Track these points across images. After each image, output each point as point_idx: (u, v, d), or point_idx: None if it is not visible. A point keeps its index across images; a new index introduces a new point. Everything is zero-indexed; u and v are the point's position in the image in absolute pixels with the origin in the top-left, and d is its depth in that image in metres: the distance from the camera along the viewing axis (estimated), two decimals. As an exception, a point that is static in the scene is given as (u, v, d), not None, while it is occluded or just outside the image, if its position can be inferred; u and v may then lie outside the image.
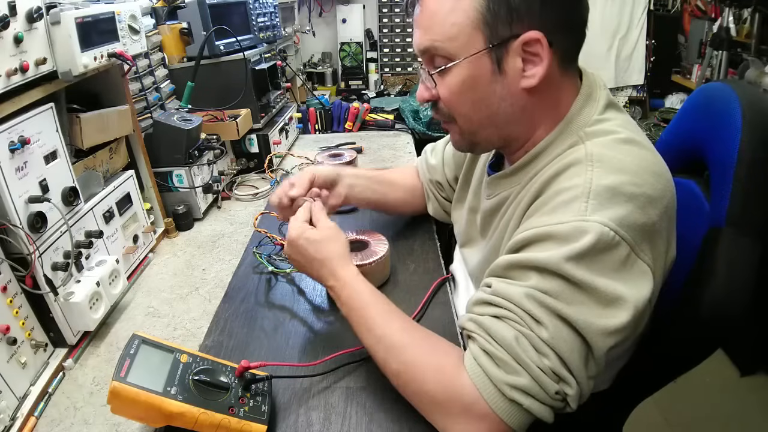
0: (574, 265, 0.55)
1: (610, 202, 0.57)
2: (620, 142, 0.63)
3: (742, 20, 2.58)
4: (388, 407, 0.68)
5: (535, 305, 0.57)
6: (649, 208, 0.58)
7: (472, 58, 0.64)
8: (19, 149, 0.74)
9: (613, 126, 0.65)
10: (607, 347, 0.56)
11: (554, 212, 0.60)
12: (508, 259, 0.62)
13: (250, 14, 1.58)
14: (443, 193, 1.06)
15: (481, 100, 0.67)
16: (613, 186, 0.57)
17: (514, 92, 0.66)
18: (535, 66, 0.63)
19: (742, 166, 0.66)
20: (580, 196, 0.58)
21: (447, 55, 0.65)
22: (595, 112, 0.67)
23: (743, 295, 0.65)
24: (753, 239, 0.66)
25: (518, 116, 0.68)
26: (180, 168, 1.22)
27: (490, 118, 0.68)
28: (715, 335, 0.70)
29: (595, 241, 0.55)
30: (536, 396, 0.56)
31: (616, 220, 0.56)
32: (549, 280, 0.57)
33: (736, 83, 0.76)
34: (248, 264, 1.04)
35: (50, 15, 0.81)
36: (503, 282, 0.61)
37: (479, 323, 0.60)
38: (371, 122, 1.99)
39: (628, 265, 0.57)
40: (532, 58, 0.63)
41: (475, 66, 0.64)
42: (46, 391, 0.76)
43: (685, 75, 3.11)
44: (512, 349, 0.57)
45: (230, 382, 0.66)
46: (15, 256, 0.75)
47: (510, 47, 0.63)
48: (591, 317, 0.56)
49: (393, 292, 0.92)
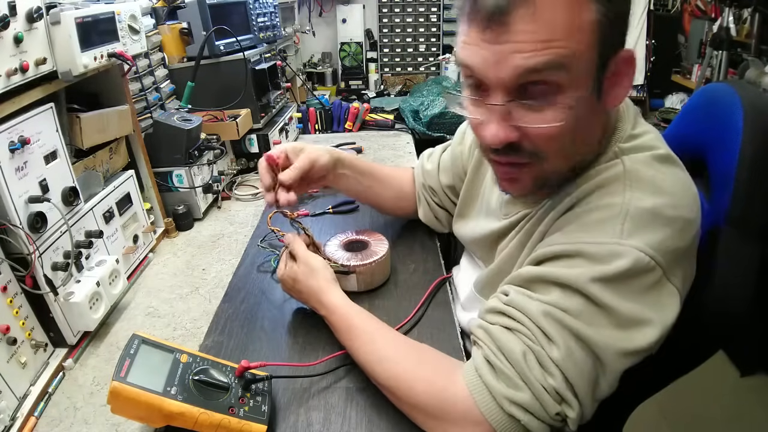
0: (601, 287, 0.54)
1: (648, 227, 0.55)
2: (659, 159, 0.60)
3: (742, 20, 2.58)
4: (388, 407, 0.68)
5: (551, 323, 0.55)
6: (686, 232, 0.57)
7: (585, 81, 0.53)
8: (19, 149, 0.74)
9: (649, 141, 0.62)
10: (622, 369, 0.55)
11: (587, 230, 0.57)
12: (530, 271, 0.60)
13: (250, 14, 1.58)
14: (436, 198, 1.03)
15: (585, 134, 0.59)
16: (650, 209, 0.55)
17: (600, 116, 0.60)
18: (618, 87, 0.57)
19: (743, 167, 0.66)
20: (616, 216, 0.56)
21: (571, 78, 0.52)
22: (628, 127, 0.64)
23: (743, 295, 0.65)
24: (753, 239, 0.66)
25: (592, 140, 0.62)
26: (180, 168, 1.22)
27: (582, 155, 0.61)
28: (716, 335, 0.70)
29: (629, 266, 0.53)
30: (536, 413, 0.55)
31: (653, 245, 0.54)
32: (571, 298, 0.55)
33: (738, 84, 0.76)
34: (248, 264, 1.04)
35: (50, 15, 0.81)
36: (522, 294, 0.59)
37: (489, 332, 0.59)
38: (371, 122, 1.99)
39: (657, 288, 0.55)
40: (619, 80, 0.57)
41: (584, 90, 0.54)
42: (46, 391, 0.76)
43: (685, 75, 3.11)
44: (518, 364, 0.55)
45: (230, 382, 0.66)
46: (15, 256, 0.75)
47: (608, 66, 0.55)
48: (609, 339, 0.54)
49: (393, 292, 0.92)
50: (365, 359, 0.69)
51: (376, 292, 0.91)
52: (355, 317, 0.73)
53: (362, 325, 0.72)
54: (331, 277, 0.80)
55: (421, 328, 0.82)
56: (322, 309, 0.78)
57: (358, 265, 0.88)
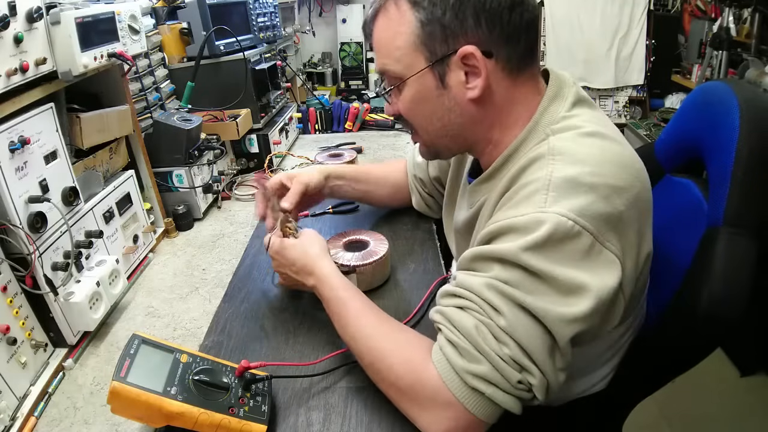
0: (531, 254, 0.56)
1: (569, 193, 0.58)
2: (583, 135, 0.64)
3: (742, 20, 2.58)
4: (388, 407, 0.68)
5: (495, 294, 0.58)
6: (613, 198, 0.58)
7: (417, 76, 0.69)
8: (19, 149, 0.74)
9: (579, 121, 0.66)
10: (569, 335, 0.57)
11: (517, 206, 0.61)
12: (473, 251, 0.63)
13: (250, 14, 1.58)
14: (426, 189, 1.11)
15: (432, 113, 0.72)
16: (572, 177, 0.58)
17: (461, 103, 0.69)
18: (477, 77, 0.66)
19: (740, 166, 0.66)
20: (540, 188, 0.59)
21: (396, 75, 0.71)
22: (562, 110, 0.68)
23: (740, 294, 0.65)
24: (750, 238, 0.66)
25: (469, 125, 0.71)
26: (180, 168, 1.22)
27: (443, 128, 0.72)
28: (713, 334, 0.70)
29: (552, 231, 0.56)
30: (498, 384, 0.57)
31: (576, 210, 0.56)
32: (509, 271, 0.58)
33: (734, 82, 0.76)
34: (248, 264, 1.04)
35: (50, 15, 0.81)
36: (467, 274, 0.62)
37: (444, 314, 0.62)
38: (371, 122, 1.99)
39: (593, 255, 0.57)
40: (474, 70, 0.66)
41: (420, 83, 0.69)
42: (46, 391, 0.76)
43: (685, 75, 3.11)
44: (472, 337, 0.58)
45: (230, 382, 0.66)
46: (15, 256, 0.75)
47: (450, 62, 0.67)
48: (549, 305, 0.56)
49: (393, 292, 0.92)
50: (350, 334, 0.71)
51: (376, 292, 0.91)
52: (343, 291, 0.75)
53: (350, 301, 0.74)
54: (325, 247, 0.84)
55: (421, 328, 0.82)
56: (312, 278, 0.79)
57: (358, 265, 0.88)
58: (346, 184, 1.08)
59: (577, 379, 0.75)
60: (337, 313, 0.74)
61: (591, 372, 0.75)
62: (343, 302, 0.74)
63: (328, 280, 0.77)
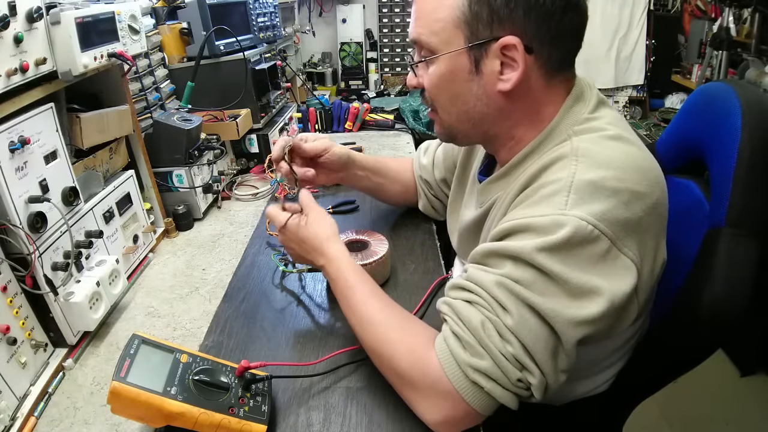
0: (546, 256, 0.56)
1: (591, 197, 0.57)
2: (607, 138, 0.63)
3: (742, 20, 2.58)
4: (388, 407, 0.68)
5: (504, 293, 0.58)
6: (634, 204, 0.58)
7: (451, 54, 0.66)
8: (19, 149, 0.74)
9: (603, 123, 0.66)
10: (576, 338, 0.57)
11: (536, 205, 0.60)
12: (486, 247, 0.63)
13: (250, 14, 1.58)
14: (432, 191, 1.10)
15: (458, 96, 0.69)
16: (595, 180, 0.58)
17: (490, 93, 0.67)
18: (513, 71, 0.65)
19: (742, 166, 0.66)
20: (561, 189, 0.59)
21: (430, 48, 0.68)
22: (585, 111, 0.67)
23: (742, 294, 0.65)
24: (752, 239, 0.66)
25: (494, 117, 0.70)
26: (180, 168, 1.22)
27: (466, 113, 0.70)
28: (715, 335, 0.70)
29: (571, 234, 0.55)
30: (498, 380, 0.57)
31: (596, 214, 0.56)
32: (521, 269, 0.58)
33: (736, 83, 0.76)
34: (248, 264, 1.04)
35: (50, 15, 0.81)
36: (479, 269, 0.62)
37: (451, 306, 0.62)
38: (371, 122, 1.99)
39: (609, 259, 0.57)
40: (511, 62, 0.64)
41: (453, 62, 0.67)
42: (46, 391, 0.76)
43: (685, 75, 3.11)
44: (477, 332, 0.58)
45: (230, 382, 0.66)
46: (15, 256, 0.75)
47: (489, 49, 0.64)
48: (559, 307, 0.56)
49: (393, 292, 0.92)
50: (356, 318, 0.71)
51: (376, 292, 0.91)
52: (353, 274, 0.75)
53: (358, 285, 0.73)
54: (336, 229, 0.82)
55: (421, 328, 0.82)
56: (322, 258, 0.78)
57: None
58: (365, 175, 1.06)
59: (582, 380, 0.75)
60: (344, 296, 0.74)
61: (595, 374, 0.75)
62: (351, 286, 0.73)
63: (338, 262, 0.76)
